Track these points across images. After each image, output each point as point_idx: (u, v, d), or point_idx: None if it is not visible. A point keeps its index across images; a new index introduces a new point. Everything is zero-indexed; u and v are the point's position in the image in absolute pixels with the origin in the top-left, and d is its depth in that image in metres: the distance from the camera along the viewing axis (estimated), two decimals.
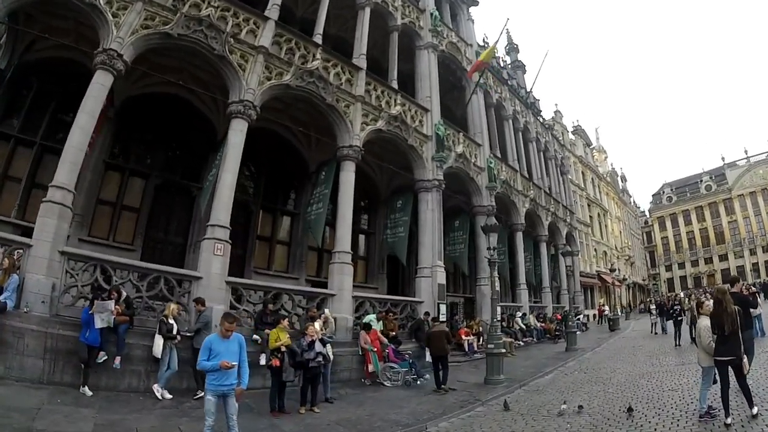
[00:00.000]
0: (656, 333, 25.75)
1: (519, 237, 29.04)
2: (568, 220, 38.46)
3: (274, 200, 21.46)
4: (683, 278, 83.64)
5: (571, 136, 56.72)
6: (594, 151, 66.93)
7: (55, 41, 14.11)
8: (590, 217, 54.49)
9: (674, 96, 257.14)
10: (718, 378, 8.12)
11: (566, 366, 17.82)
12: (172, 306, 11.09)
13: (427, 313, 17.82)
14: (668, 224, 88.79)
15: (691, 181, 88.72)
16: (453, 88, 27.06)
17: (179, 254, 17.93)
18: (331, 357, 12.00)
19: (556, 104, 59.56)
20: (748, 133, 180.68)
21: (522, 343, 24.27)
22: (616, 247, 61.93)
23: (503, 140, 30.33)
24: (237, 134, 14.37)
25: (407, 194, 21.53)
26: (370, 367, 14.36)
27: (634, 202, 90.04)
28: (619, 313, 40.23)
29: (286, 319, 11.48)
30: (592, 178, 58.76)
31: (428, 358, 15.05)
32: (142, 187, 17.57)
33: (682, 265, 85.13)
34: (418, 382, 14.45)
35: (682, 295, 24.23)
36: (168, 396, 10.34)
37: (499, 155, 28.02)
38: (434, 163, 20.94)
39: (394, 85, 20.28)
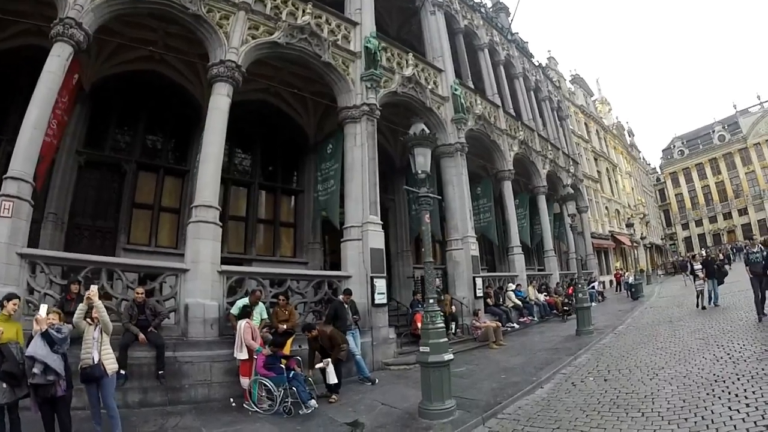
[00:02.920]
0: (704, 307, 16.79)
1: (507, 188, 22.02)
2: (571, 171, 31.28)
3: (155, 156, 15.49)
4: (701, 236, 76.77)
5: (569, 84, 49.42)
6: (597, 102, 59.51)
7: None
8: (598, 172, 47.32)
9: (677, 44, 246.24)
10: None
11: (575, 364, 11.04)
12: None
13: (347, 292, 11.45)
14: (682, 180, 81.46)
15: (702, 133, 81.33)
16: (411, 14, 20.96)
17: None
18: (108, 368, 6.42)
19: (549, 51, 50.98)
20: (760, 77, 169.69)
21: (516, 326, 17.55)
22: (629, 205, 54.54)
23: (478, 73, 23.61)
24: (54, 60, 9.78)
25: (338, 134, 15.11)
26: (245, 381, 8.89)
27: (643, 158, 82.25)
28: (641, 277, 33.22)
29: (13, 301, 6.18)
30: (597, 130, 51.39)
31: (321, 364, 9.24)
32: None
33: (699, 223, 78.18)
34: (302, 411, 8.12)
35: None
36: None
37: (471, 86, 21.26)
38: (363, 85, 14.59)
39: None
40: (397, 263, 19.99)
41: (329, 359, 9.12)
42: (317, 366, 9.15)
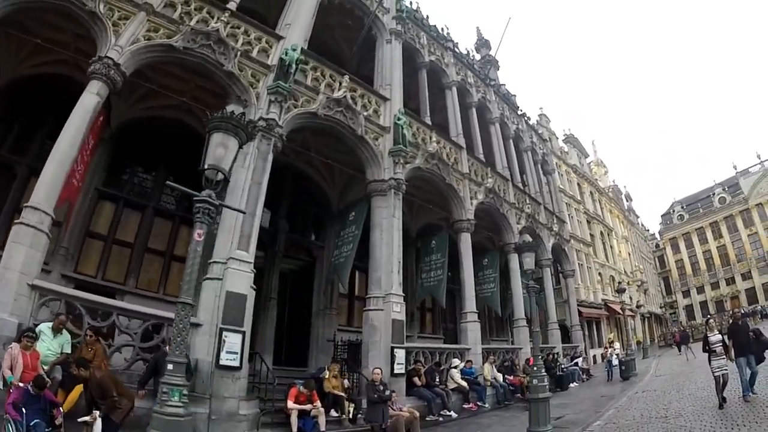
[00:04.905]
0: (723, 399, 10.61)
1: (465, 241, 17.91)
2: (555, 230, 27.21)
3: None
4: (704, 303, 71.19)
5: (561, 143, 46.07)
6: (592, 164, 56.14)
7: None
8: (591, 235, 43.16)
9: (674, 107, 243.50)
10: None
11: None
12: None
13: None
14: (682, 245, 76.96)
15: (702, 196, 77.70)
16: (371, 46, 18.06)
17: None
18: None
19: (541, 108, 47.33)
20: (759, 136, 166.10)
21: (454, 415, 13.20)
22: (625, 271, 50.05)
23: (444, 113, 20.78)
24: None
25: None
26: None
27: (642, 224, 78.16)
28: (634, 351, 28.35)
29: None
30: (591, 192, 47.65)
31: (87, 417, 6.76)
32: None
33: (701, 289, 72.68)
34: None
35: None
36: None
37: (428, 123, 18.03)
38: (268, 97, 12.25)
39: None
40: (317, 322, 16.44)
41: (98, 412, 6.73)
42: (80, 419, 6.66)
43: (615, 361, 22.70)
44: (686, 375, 18.29)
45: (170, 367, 5.12)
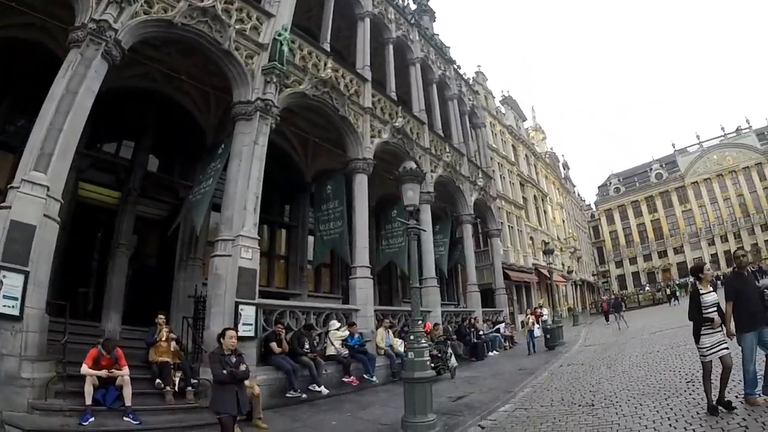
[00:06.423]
0: (724, 405, 6.18)
1: (359, 182, 15.32)
2: (479, 184, 24.91)
3: None
4: (635, 274, 74.47)
5: (497, 103, 44.11)
6: (530, 129, 54.75)
7: None
8: (524, 198, 41.83)
9: (618, 86, 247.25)
10: None
11: None
12: None
13: None
14: (616, 217, 79.17)
15: (640, 171, 79.77)
16: None
17: None
18: None
19: (478, 66, 44.37)
20: (700, 119, 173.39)
21: (325, 391, 10.45)
22: (558, 237, 49.19)
23: (352, 43, 18.70)
24: None
25: None
26: None
27: (578, 194, 78.32)
28: (562, 318, 26.30)
29: None
30: (527, 155, 46.36)
31: None
32: None
33: (633, 261, 75.53)
34: None
35: None
36: None
37: (326, 49, 15.42)
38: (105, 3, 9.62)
39: None
40: (179, 275, 13.95)
41: None
42: None
43: (537, 332, 20.41)
44: (618, 347, 16.61)
45: None
